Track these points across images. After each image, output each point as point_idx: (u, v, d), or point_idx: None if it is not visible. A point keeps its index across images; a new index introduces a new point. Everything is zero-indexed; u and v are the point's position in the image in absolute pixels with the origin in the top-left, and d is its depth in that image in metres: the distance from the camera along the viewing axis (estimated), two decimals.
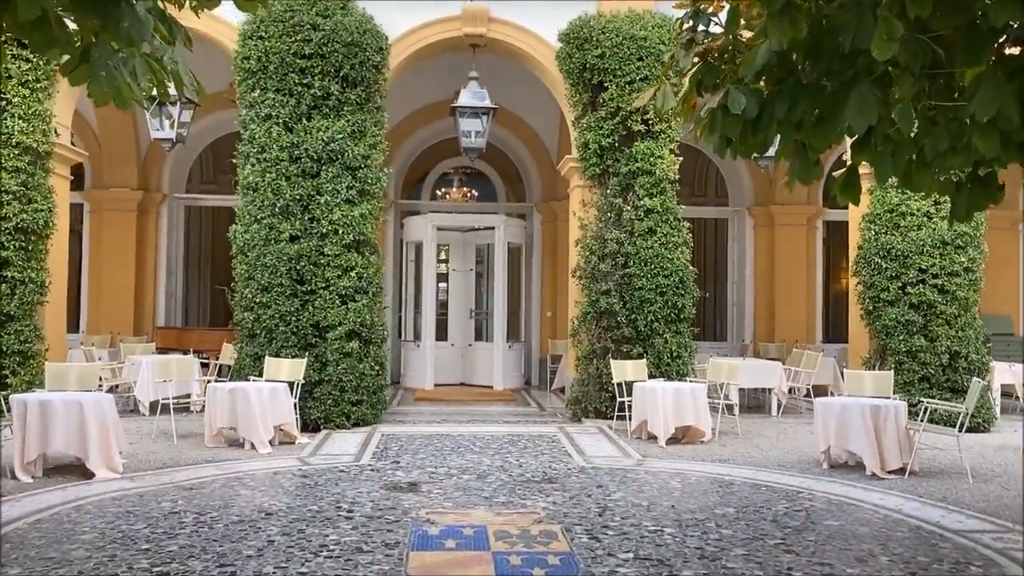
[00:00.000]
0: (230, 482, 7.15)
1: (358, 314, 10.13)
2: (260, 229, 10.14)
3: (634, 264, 10.65)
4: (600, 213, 10.95)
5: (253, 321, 10.11)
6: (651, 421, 9.40)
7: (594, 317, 10.78)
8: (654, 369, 10.57)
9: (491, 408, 12.42)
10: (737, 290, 16.61)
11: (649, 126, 10.74)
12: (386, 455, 8.52)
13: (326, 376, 10.07)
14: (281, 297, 10.01)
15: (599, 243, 10.83)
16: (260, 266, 10.07)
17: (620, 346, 10.69)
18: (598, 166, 10.93)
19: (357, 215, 10.22)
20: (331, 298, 10.10)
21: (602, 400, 10.72)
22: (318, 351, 10.11)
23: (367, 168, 10.37)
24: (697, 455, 8.80)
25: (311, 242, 10.13)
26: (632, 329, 10.63)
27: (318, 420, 10.00)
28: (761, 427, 10.83)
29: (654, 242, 10.63)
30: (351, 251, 10.24)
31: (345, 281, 10.13)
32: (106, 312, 14.95)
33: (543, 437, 9.79)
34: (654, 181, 10.68)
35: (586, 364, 10.82)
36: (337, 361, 10.06)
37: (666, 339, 10.59)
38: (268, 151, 10.19)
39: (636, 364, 10.44)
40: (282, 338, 10.00)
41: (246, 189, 10.30)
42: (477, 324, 15.68)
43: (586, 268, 10.91)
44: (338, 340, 10.05)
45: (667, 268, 10.59)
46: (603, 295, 10.67)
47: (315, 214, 10.16)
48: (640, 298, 10.57)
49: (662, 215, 10.69)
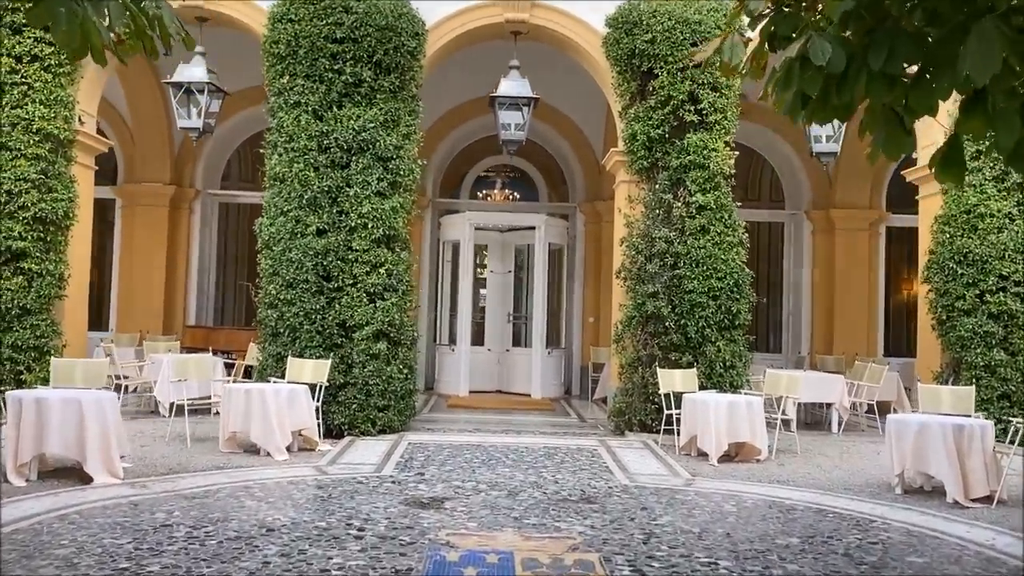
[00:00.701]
0: (236, 492, 6.52)
1: (387, 313, 9.50)
2: (286, 222, 9.57)
3: (684, 265, 9.85)
4: (648, 210, 10.18)
5: (276, 319, 9.54)
6: (702, 436, 8.59)
7: (640, 322, 10.01)
8: (705, 380, 9.75)
9: (527, 418, 11.70)
10: (793, 298, 15.66)
11: (702, 116, 9.95)
12: (410, 466, 7.85)
13: (351, 379, 9.44)
14: (306, 294, 9.42)
15: (646, 242, 10.06)
16: (285, 261, 9.50)
17: (668, 354, 9.89)
18: (646, 159, 10.16)
19: (388, 208, 9.60)
20: (359, 296, 9.48)
21: (648, 412, 9.93)
22: (343, 352, 9.50)
23: (399, 159, 9.74)
24: (752, 475, 7.96)
25: (339, 236, 9.53)
26: (681, 336, 9.83)
27: (342, 426, 9.38)
28: (821, 445, 9.93)
29: (706, 241, 9.82)
30: (381, 246, 9.62)
31: (374, 278, 9.50)
32: (136, 310, 14.56)
33: (582, 451, 9.03)
34: (707, 176, 9.88)
35: (630, 373, 10.04)
36: (363, 363, 9.43)
37: (719, 347, 9.76)
38: (296, 140, 9.63)
39: (685, 374, 9.63)
40: (306, 337, 9.41)
41: (273, 180, 9.75)
42: (515, 329, 14.98)
43: (631, 269, 10.14)
44: (365, 341, 9.42)
45: (721, 270, 9.77)
46: (650, 298, 9.88)
47: (344, 207, 9.57)
48: (691, 302, 9.77)
49: (716, 212, 9.88)
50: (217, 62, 10.93)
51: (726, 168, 9.92)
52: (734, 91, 10.09)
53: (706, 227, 9.87)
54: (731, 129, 10.07)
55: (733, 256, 9.85)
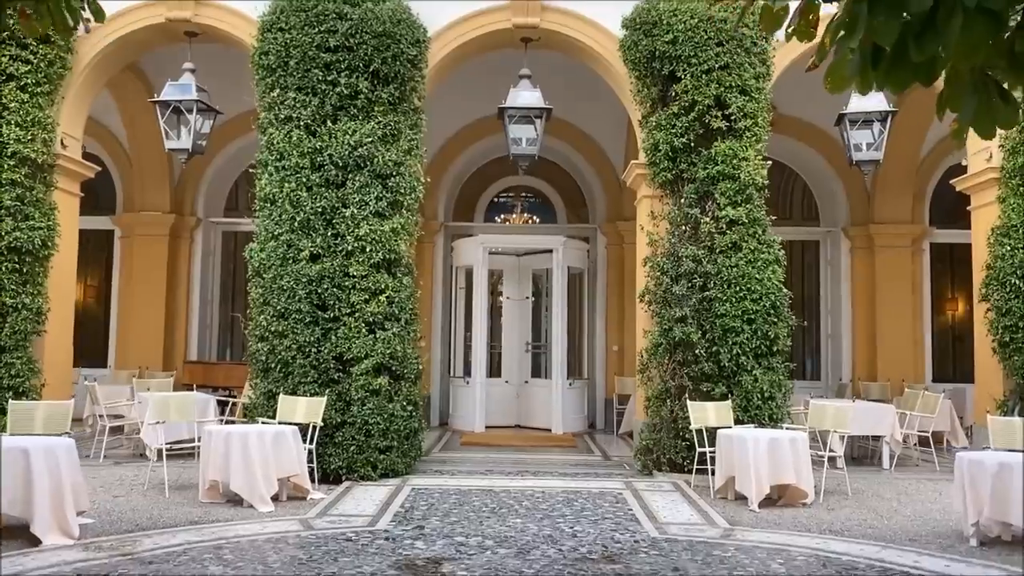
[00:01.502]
0: (203, 554, 5.65)
1: (388, 345, 8.65)
2: (277, 247, 8.79)
3: (715, 286, 8.92)
4: (673, 226, 9.28)
5: (267, 353, 8.72)
6: (740, 478, 7.61)
7: (667, 349, 9.07)
8: (741, 413, 8.77)
9: (547, 456, 10.74)
10: (832, 321, 14.62)
11: (731, 122, 9.07)
12: (410, 517, 6.94)
13: (349, 418, 8.58)
14: (299, 325, 8.61)
15: (672, 261, 9.15)
16: (276, 289, 8.71)
17: (699, 384, 8.93)
18: (670, 171, 9.28)
19: (387, 230, 8.78)
20: (357, 326, 8.65)
21: (677, 450, 8.96)
22: (341, 388, 8.65)
23: (400, 176, 8.95)
24: (799, 523, 6.96)
25: (335, 261, 8.72)
26: (714, 364, 8.87)
27: (339, 470, 8.50)
28: (874, 484, 8.89)
29: (739, 259, 8.89)
30: (380, 271, 8.80)
31: (373, 306, 8.67)
32: (135, 344, 13.85)
33: (606, 495, 8.07)
34: (738, 187, 8.97)
35: (658, 406, 9.09)
36: (362, 400, 8.57)
37: (755, 376, 8.79)
38: (287, 158, 8.87)
39: (719, 407, 8.67)
40: (299, 373, 8.58)
41: (263, 202, 8.99)
42: (534, 359, 14.06)
43: (657, 291, 9.22)
44: (364, 375, 8.57)
45: (756, 291, 8.82)
46: (677, 323, 8.95)
47: (339, 229, 8.77)
48: (723, 327, 8.82)
49: (748, 227, 8.96)
50: (217, 82, 10.24)
51: (758, 179, 9.01)
52: (765, 95, 9.21)
53: (738, 244, 8.94)
54: (762, 136, 9.17)
55: (769, 275, 8.90)
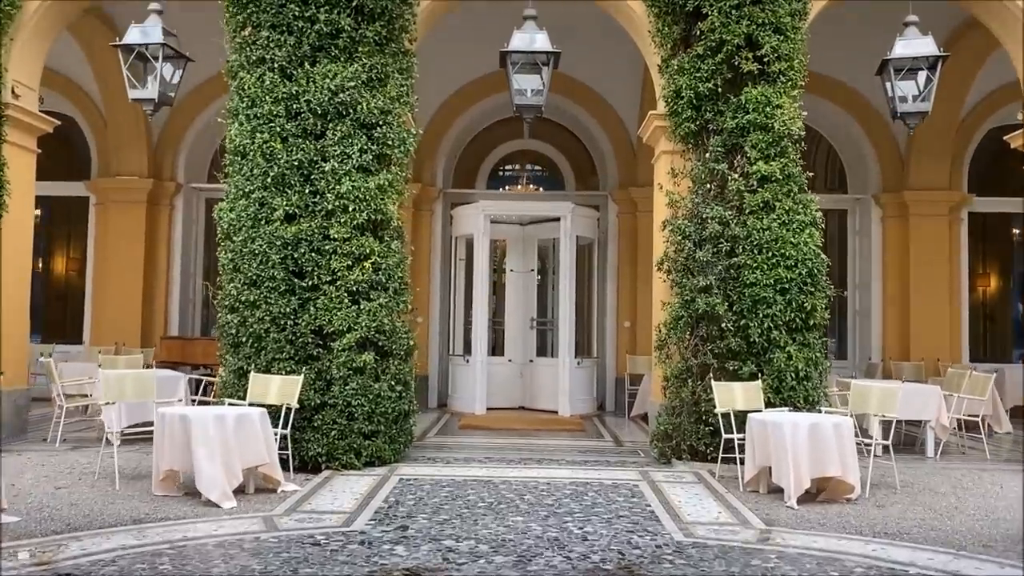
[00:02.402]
0: (136, 563, 4.67)
1: (373, 317, 7.64)
2: (248, 206, 7.77)
3: (744, 251, 7.88)
4: (696, 185, 8.22)
5: (238, 326, 7.73)
6: (776, 469, 6.60)
7: (688, 323, 8.04)
8: (772, 395, 7.75)
9: (553, 441, 9.76)
10: (860, 296, 13.56)
11: (764, 65, 7.97)
12: (393, 514, 5.96)
13: (330, 399, 7.59)
14: (273, 294, 7.60)
15: (695, 224, 8.10)
16: (247, 254, 7.69)
17: (725, 363, 7.91)
18: (693, 121, 8.20)
19: (373, 187, 7.75)
20: (338, 296, 7.64)
21: (700, 436, 7.95)
22: (320, 366, 7.66)
23: (387, 126, 7.90)
24: (848, 523, 5.96)
25: (313, 222, 7.70)
26: (742, 340, 7.84)
27: (318, 457, 7.52)
28: (921, 476, 7.88)
29: (771, 221, 7.83)
30: (365, 234, 7.78)
31: (357, 274, 7.66)
32: (111, 319, 12.89)
33: (620, 488, 7.08)
34: (771, 139, 7.90)
35: (678, 387, 8.07)
36: (345, 379, 7.58)
37: (789, 353, 7.75)
38: (259, 105, 7.83)
39: (748, 388, 7.65)
40: (274, 348, 7.58)
41: (233, 156, 7.97)
42: (539, 336, 13.07)
43: (677, 258, 8.18)
44: (346, 351, 7.57)
45: (790, 256, 7.77)
46: (701, 293, 7.91)
47: (318, 186, 7.74)
48: (753, 297, 7.78)
49: (782, 184, 7.90)
50: (197, 33, 9.11)
51: (794, 129, 7.93)
52: (802, 34, 8.12)
53: (770, 203, 7.88)
54: (799, 81, 8.08)
55: (805, 239, 7.84)
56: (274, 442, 6.66)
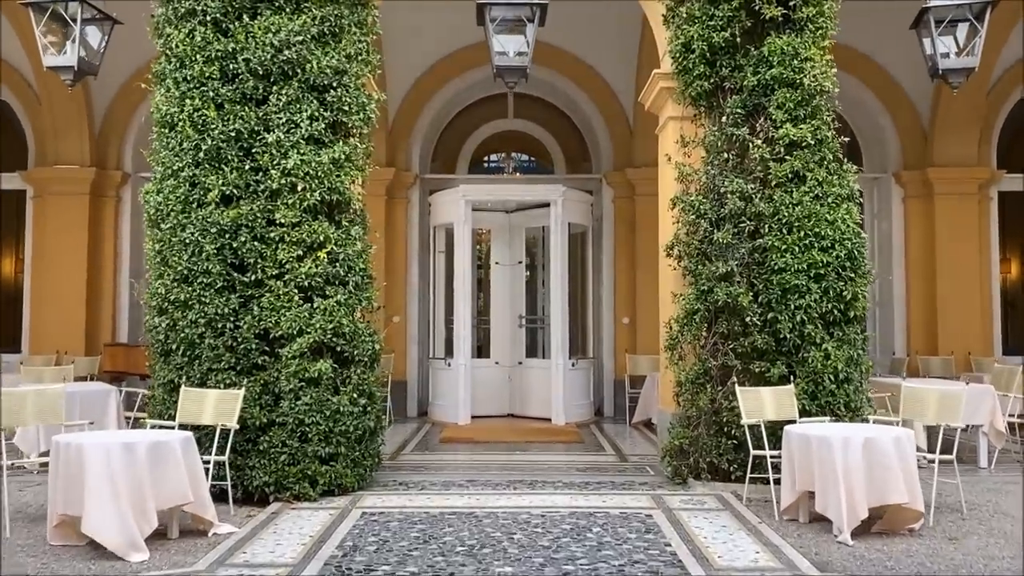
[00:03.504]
0: None
1: (330, 317, 6.36)
2: (177, 187, 6.47)
3: (771, 231, 6.64)
4: (711, 154, 6.97)
5: (167, 330, 6.44)
6: (823, 495, 5.36)
7: (705, 318, 6.79)
8: (808, 401, 6.52)
9: (547, 456, 8.49)
10: (880, 285, 12.32)
11: (789, 10, 6.74)
12: (348, 567, 4.69)
13: (279, 416, 6.32)
14: (208, 292, 6.31)
15: (712, 201, 6.85)
16: (177, 244, 6.40)
17: (749, 364, 6.67)
18: (707, 79, 6.95)
19: (327, 161, 6.47)
20: (287, 293, 6.36)
21: (721, 451, 6.70)
22: (267, 377, 6.38)
23: (343, 88, 6.62)
24: (921, 564, 4.74)
25: (255, 205, 6.42)
26: (769, 336, 6.61)
27: (265, 488, 6.24)
28: (983, 493, 6.67)
29: (802, 194, 6.59)
30: (318, 218, 6.50)
31: (309, 265, 6.38)
32: (52, 324, 11.54)
33: (631, 519, 5.82)
34: (800, 97, 6.65)
35: (693, 393, 6.82)
36: (296, 392, 6.30)
37: (826, 351, 6.51)
38: (189, 66, 6.53)
39: (779, 393, 6.41)
40: (210, 356, 6.29)
41: (160, 127, 6.67)
42: (529, 336, 11.81)
43: (691, 241, 6.93)
44: (298, 359, 6.29)
45: (826, 236, 6.53)
46: (720, 282, 6.67)
47: (261, 161, 6.46)
48: (782, 285, 6.54)
49: (814, 151, 6.66)
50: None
51: (827, 84, 6.69)
52: None
53: (800, 173, 6.64)
54: (830, 29, 6.84)
55: (843, 215, 6.61)
56: (202, 474, 5.37)
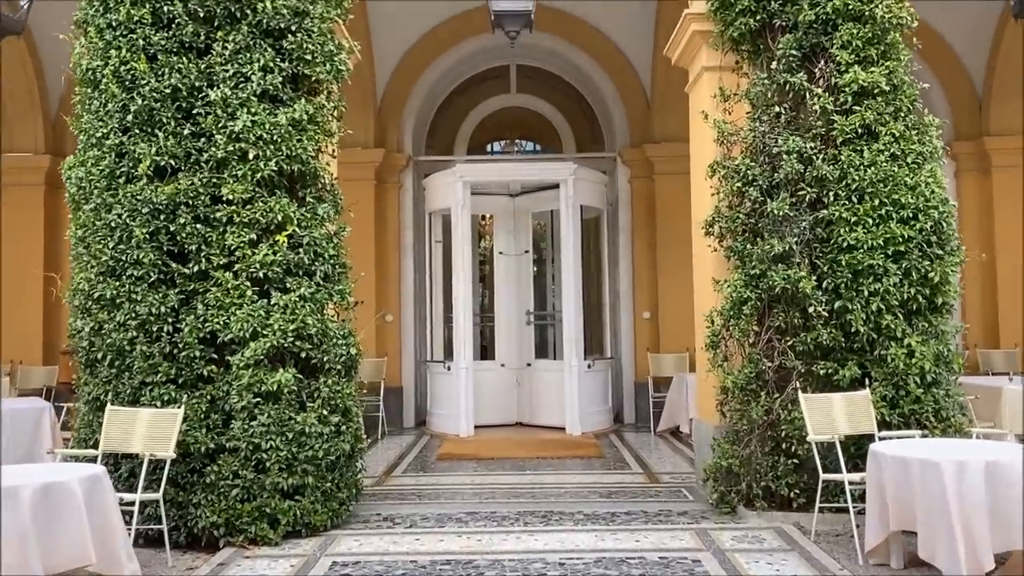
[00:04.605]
0: None
1: (292, 316, 5.11)
2: (101, 158, 5.24)
3: (837, 200, 5.36)
4: (758, 109, 5.70)
5: (92, 335, 5.20)
6: (929, 538, 4.07)
7: (757, 308, 5.52)
8: (887, 409, 5.24)
9: (563, 478, 7.21)
10: None
11: None
12: None
13: (230, 440, 5.07)
14: (140, 287, 5.07)
15: (762, 164, 5.57)
16: (102, 228, 5.17)
17: (812, 364, 5.40)
18: (752, 15, 5.67)
19: (284, 123, 5.22)
20: (238, 287, 5.12)
21: (779, 472, 5.43)
22: (214, 391, 5.14)
23: (304, 34, 5.37)
24: None
25: (196, 178, 5.17)
26: (837, 330, 5.33)
27: (213, 529, 5.00)
28: None
29: (875, 154, 5.32)
30: (276, 193, 5.25)
31: (265, 252, 5.13)
32: (7, 332, 10.32)
33: (673, 566, 4.55)
34: (871, 34, 5.39)
35: (743, 402, 5.54)
36: (250, 410, 5.05)
37: (910, 348, 5.23)
38: (115, 9, 5.29)
39: (853, 401, 5.14)
40: (143, 367, 5.05)
41: (82, 85, 5.44)
42: (539, 334, 10.55)
43: (735, 215, 5.65)
44: (252, 368, 5.04)
45: (906, 204, 5.26)
46: (776, 264, 5.39)
47: (203, 124, 5.21)
48: (853, 267, 5.26)
49: (889, 99, 5.39)
50: None
51: (905, 16, 5.42)
52: None
53: (872, 127, 5.37)
54: None
55: (926, 178, 5.34)
56: (119, 522, 4.12)
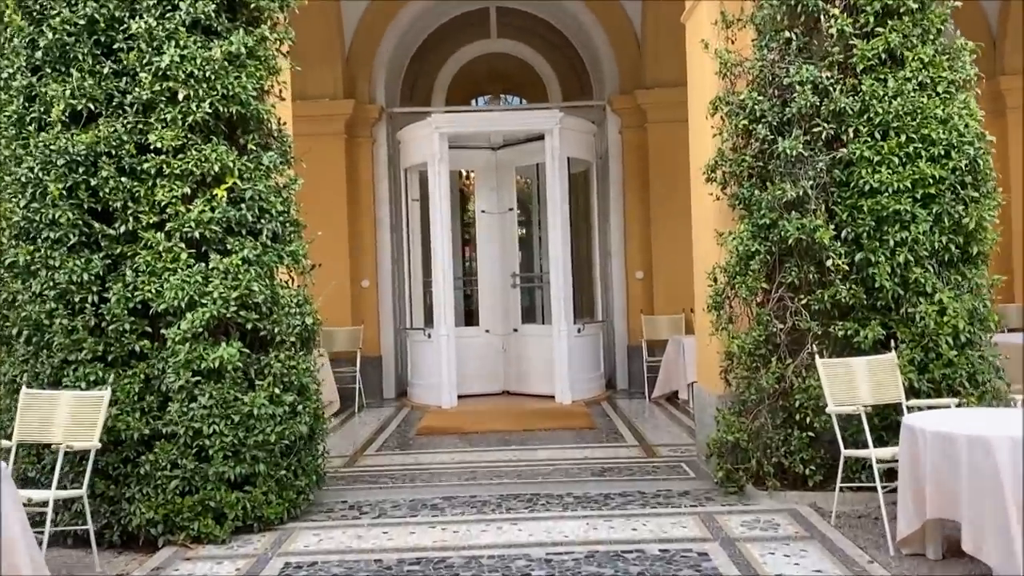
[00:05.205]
0: None
1: (234, 282, 4.44)
2: (7, 101, 4.53)
3: (858, 137, 4.69)
4: (765, 34, 4.99)
5: (5, 307, 4.53)
6: (975, 528, 3.47)
7: (767, 263, 4.87)
8: (915, 374, 4.62)
9: (552, 453, 6.60)
10: None
11: None
12: None
13: (166, 425, 4.42)
14: (58, 251, 4.39)
15: (771, 98, 4.88)
16: (12, 185, 4.48)
17: (830, 325, 4.77)
18: None
19: (219, 57, 4.50)
20: (171, 249, 4.43)
21: (792, 446, 4.82)
22: (148, 370, 4.48)
23: None
24: None
25: (120, 124, 4.46)
26: (858, 286, 4.70)
27: (150, 527, 4.37)
28: None
29: (901, 83, 4.64)
30: (212, 140, 4.54)
31: (201, 208, 4.44)
32: None
33: (676, 559, 3.95)
34: None
35: (751, 369, 4.92)
36: (189, 390, 4.39)
37: (941, 304, 4.60)
38: None
39: (877, 366, 4.53)
40: (65, 344, 4.39)
41: None
42: (526, 297, 9.92)
43: (741, 157, 4.98)
44: (190, 342, 4.38)
45: (937, 140, 4.59)
46: (788, 212, 4.73)
47: (126, 61, 4.49)
48: (876, 213, 4.60)
49: (916, 20, 4.70)
50: None
51: None
52: None
53: (897, 52, 4.68)
54: None
55: (958, 110, 4.66)
56: (17, 526, 3.48)
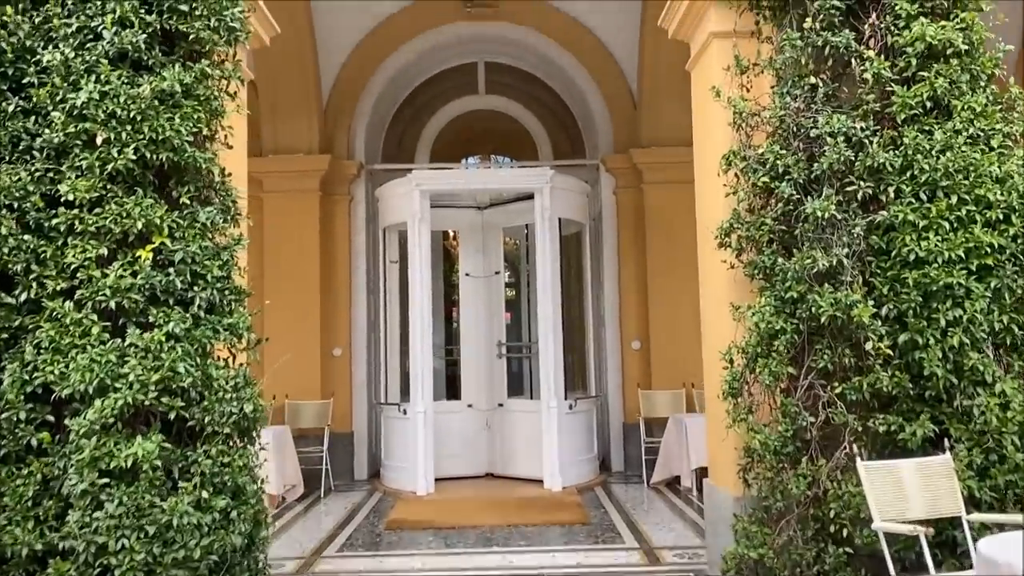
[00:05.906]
0: None
1: (155, 362, 3.66)
2: None
3: (900, 198, 4.01)
4: (786, 80, 4.34)
5: None
6: None
7: (793, 343, 4.12)
8: (974, 481, 3.84)
9: (539, 559, 5.73)
10: None
11: None
12: None
13: (63, 539, 3.59)
14: None
15: (796, 151, 4.21)
16: None
17: (869, 419, 4.01)
18: None
19: (148, 95, 3.80)
20: (80, 321, 3.66)
21: (827, 564, 4.01)
22: (46, 469, 3.67)
23: None
24: None
25: (24, 171, 3.74)
26: (903, 372, 3.95)
27: None
28: None
29: (949, 136, 3.97)
30: (137, 191, 3.82)
31: (118, 273, 3.69)
32: None
33: None
34: None
35: (775, 468, 4.14)
36: (94, 495, 3.57)
37: (1004, 395, 3.86)
38: None
39: (929, 469, 3.76)
40: None
41: None
42: (512, 369, 9.12)
43: (760, 220, 4.28)
44: (97, 435, 3.57)
45: (994, 203, 3.91)
46: (819, 284, 4.01)
47: (36, 97, 3.79)
48: (923, 287, 3.89)
49: (964, 64, 4.06)
50: None
51: None
52: None
53: (943, 101, 4.03)
54: None
55: (1017, 169, 3.99)
56: None
